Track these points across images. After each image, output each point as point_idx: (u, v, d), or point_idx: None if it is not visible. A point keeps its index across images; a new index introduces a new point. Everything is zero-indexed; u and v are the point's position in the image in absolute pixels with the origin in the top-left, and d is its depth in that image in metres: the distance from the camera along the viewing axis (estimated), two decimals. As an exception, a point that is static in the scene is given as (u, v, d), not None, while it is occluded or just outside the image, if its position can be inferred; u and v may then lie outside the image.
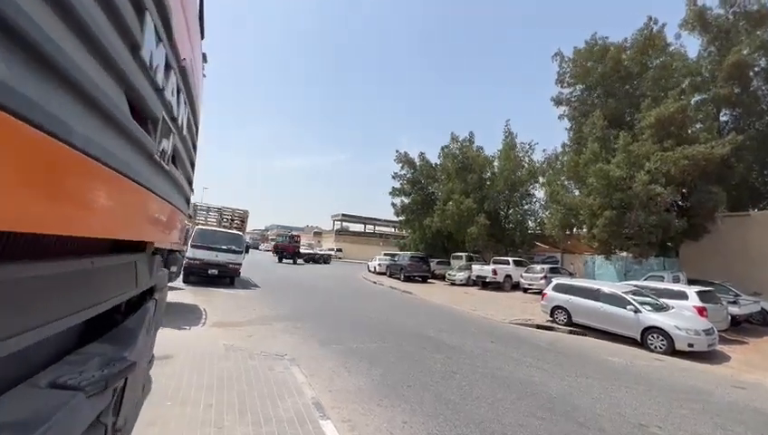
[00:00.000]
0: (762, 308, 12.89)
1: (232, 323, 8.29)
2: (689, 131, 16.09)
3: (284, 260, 33.72)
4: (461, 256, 26.29)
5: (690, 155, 13.82)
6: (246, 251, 15.58)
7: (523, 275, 20.09)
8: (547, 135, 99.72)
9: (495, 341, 9.01)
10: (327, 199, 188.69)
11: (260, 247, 69.11)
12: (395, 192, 31.81)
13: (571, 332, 11.04)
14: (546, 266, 20.34)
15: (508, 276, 20.96)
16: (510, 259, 22.20)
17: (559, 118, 20.73)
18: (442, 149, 29.96)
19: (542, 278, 18.64)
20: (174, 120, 1.50)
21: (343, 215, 75.69)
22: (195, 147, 2.42)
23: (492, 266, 21.31)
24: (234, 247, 14.33)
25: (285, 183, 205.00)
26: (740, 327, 12.12)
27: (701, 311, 10.30)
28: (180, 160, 1.85)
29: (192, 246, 13.59)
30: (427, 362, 6.59)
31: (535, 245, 26.82)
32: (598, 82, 18.75)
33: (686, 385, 6.79)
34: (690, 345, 8.82)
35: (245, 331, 7.76)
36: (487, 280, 20.93)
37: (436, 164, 31.16)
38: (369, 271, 30.46)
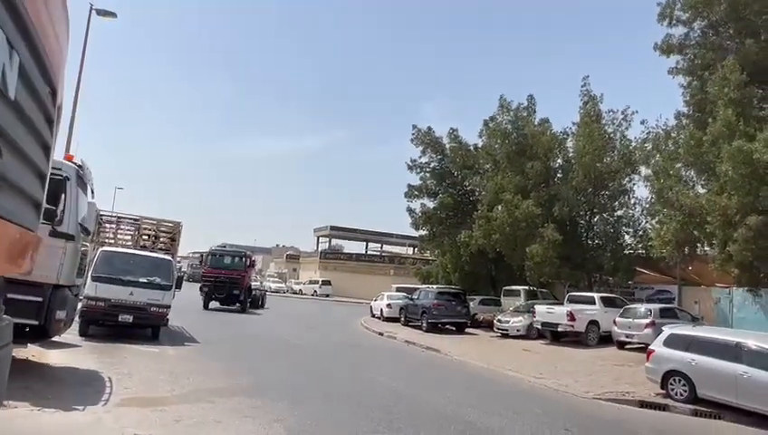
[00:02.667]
0: None
1: (152, 401, 8.22)
2: None
3: (219, 302, 28.08)
4: (518, 291, 26.25)
5: None
6: (178, 285, 15.66)
7: (618, 320, 19.94)
8: (651, 109, 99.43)
9: (572, 428, 8.83)
10: (310, 205, 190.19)
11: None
12: (412, 192, 31.93)
13: (694, 412, 10.80)
14: (654, 307, 20.10)
15: (593, 323, 20.83)
16: (596, 296, 22.10)
17: (669, 73, 20.71)
18: (486, 123, 30.11)
19: (647, 326, 18.47)
20: None
21: (332, 228, 76.15)
22: (51, 123, 2.56)
23: (567, 308, 21.18)
24: (158, 280, 14.45)
25: (245, 179, 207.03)
26: None
27: None
28: (13, 146, 1.92)
29: (93, 279, 13.67)
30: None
31: (636, 272, 26.61)
32: (728, 14, 18.65)
33: None
34: None
35: (172, 412, 7.69)
36: (560, 329, 20.82)
37: (475, 147, 31.27)
38: (374, 315, 30.48)
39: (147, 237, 18.57)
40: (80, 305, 12.78)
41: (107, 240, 17.94)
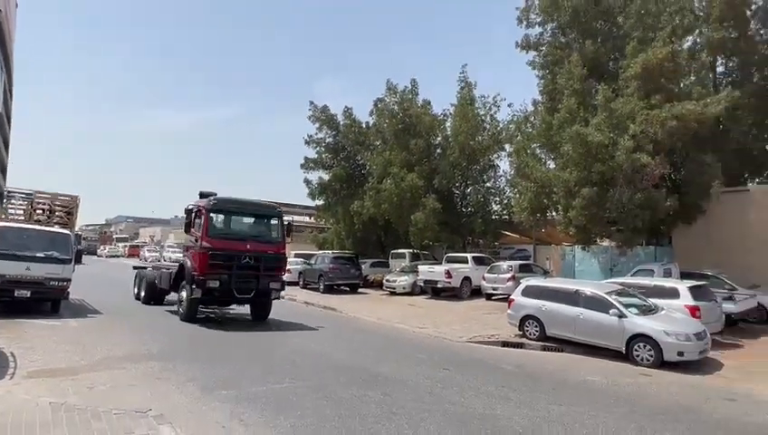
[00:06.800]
0: (759, 304, 15.28)
1: (61, 371, 7.78)
2: (681, 85, 18.16)
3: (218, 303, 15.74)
4: (403, 253, 27.10)
5: (679, 114, 15.68)
6: (78, 259, 14.54)
7: (486, 276, 21.31)
8: (525, 93, 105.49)
9: (449, 367, 9.60)
10: (210, 176, 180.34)
11: (99, 252, 64.72)
12: (309, 165, 31.51)
13: (544, 348, 12.16)
14: (515, 264, 21.69)
15: (467, 279, 22.08)
16: (469, 256, 23.37)
17: (528, 65, 22.11)
18: (375, 103, 30.25)
19: (509, 280, 19.93)
20: None
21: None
22: None
23: (445, 267, 22.22)
24: (56, 254, 13.34)
25: (141, 153, 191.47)
26: (735, 327, 14.24)
27: (693, 311, 11.95)
28: None
29: (-14, 256, 12.30)
30: (357, 404, 6.83)
31: (502, 235, 28.52)
32: (572, 19, 20.26)
33: (673, 402, 7.97)
34: (680, 354, 10.25)
35: (84, 380, 7.35)
36: (439, 285, 21.86)
37: (367, 124, 31.42)
38: (275, 281, 30.01)
39: (41, 212, 16.85)
40: None
41: (-4, 216, 16.06)
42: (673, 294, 12.63)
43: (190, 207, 13.87)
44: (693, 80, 19.29)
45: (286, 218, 15.16)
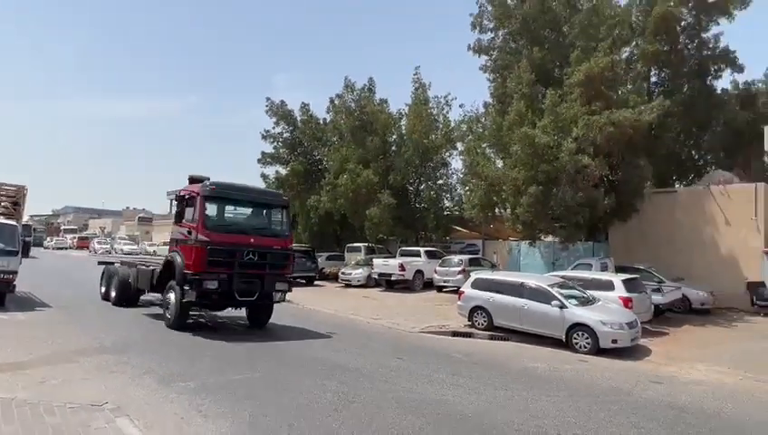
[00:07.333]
0: (683, 295, 16.50)
1: (10, 365, 7.46)
2: (619, 93, 19.18)
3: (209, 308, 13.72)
4: (359, 247, 27.20)
5: (617, 120, 16.60)
6: (25, 252, 13.84)
7: (437, 269, 21.80)
8: (476, 95, 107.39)
9: (402, 356, 9.87)
10: (164, 169, 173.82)
11: (46, 244, 61.49)
12: (266, 159, 31.17)
13: (491, 337, 12.68)
14: (465, 258, 22.31)
15: (419, 272, 22.54)
16: (421, 250, 23.87)
17: (480, 69, 22.68)
18: (332, 100, 30.28)
19: (459, 273, 20.49)
20: None
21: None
22: None
23: (399, 260, 22.66)
24: (2, 246, 12.69)
25: (91, 142, 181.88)
26: (662, 317, 15.29)
27: (626, 302, 12.78)
28: None
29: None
30: (314, 393, 6.95)
31: (453, 230, 29.18)
32: (522, 26, 20.95)
33: (607, 386, 8.57)
34: (614, 341, 10.99)
35: (34, 374, 7.07)
36: (393, 278, 22.24)
37: (324, 121, 31.34)
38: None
39: (-16, 202, 15.94)
40: None
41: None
42: (608, 286, 13.45)
43: (182, 193, 11.57)
44: (629, 88, 20.38)
45: None
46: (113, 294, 14.61)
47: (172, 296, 11.13)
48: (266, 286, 11.29)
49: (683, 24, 21.06)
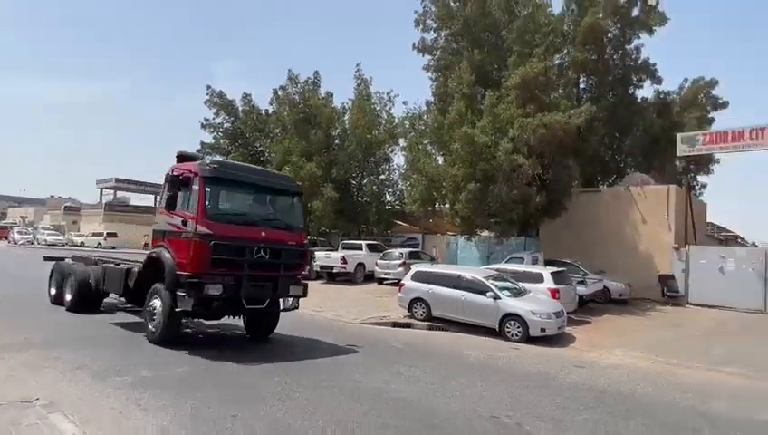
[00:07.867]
0: (604, 287, 17.69)
1: None
2: (551, 97, 20.15)
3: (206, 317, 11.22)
4: (301, 240, 26.91)
5: (548, 123, 17.46)
6: None
7: (378, 262, 22.06)
8: (420, 93, 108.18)
9: (345, 347, 9.96)
10: (94, 157, 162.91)
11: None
12: (205, 150, 30.10)
13: (430, 327, 13.04)
14: (405, 251, 22.74)
15: (361, 265, 22.69)
16: (363, 243, 24.04)
17: (424, 68, 23.00)
18: (275, 92, 29.71)
19: (399, 266, 20.85)
20: None
21: (118, 180, 67.81)
22: None
23: (340, 253, 22.72)
24: None
25: (7, 124, 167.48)
26: (586, 307, 16.32)
27: (554, 293, 13.53)
28: None
29: None
30: (258, 385, 6.90)
31: (394, 224, 29.56)
32: (464, 28, 21.46)
33: (536, 371, 9.08)
34: (543, 330, 11.63)
35: (-48, 375, 6.55)
36: (335, 271, 22.24)
37: (266, 112, 30.73)
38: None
39: None
40: None
41: None
42: (538, 278, 14.18)
43: (175, 172, 9.00)
44: (561, 93, 21.45)
45: None
46: (68, 297, 11.78)
47: (158, 303, 8.74)
48: (280, 291, 9.19)
49: (609, 35, 22.33)
